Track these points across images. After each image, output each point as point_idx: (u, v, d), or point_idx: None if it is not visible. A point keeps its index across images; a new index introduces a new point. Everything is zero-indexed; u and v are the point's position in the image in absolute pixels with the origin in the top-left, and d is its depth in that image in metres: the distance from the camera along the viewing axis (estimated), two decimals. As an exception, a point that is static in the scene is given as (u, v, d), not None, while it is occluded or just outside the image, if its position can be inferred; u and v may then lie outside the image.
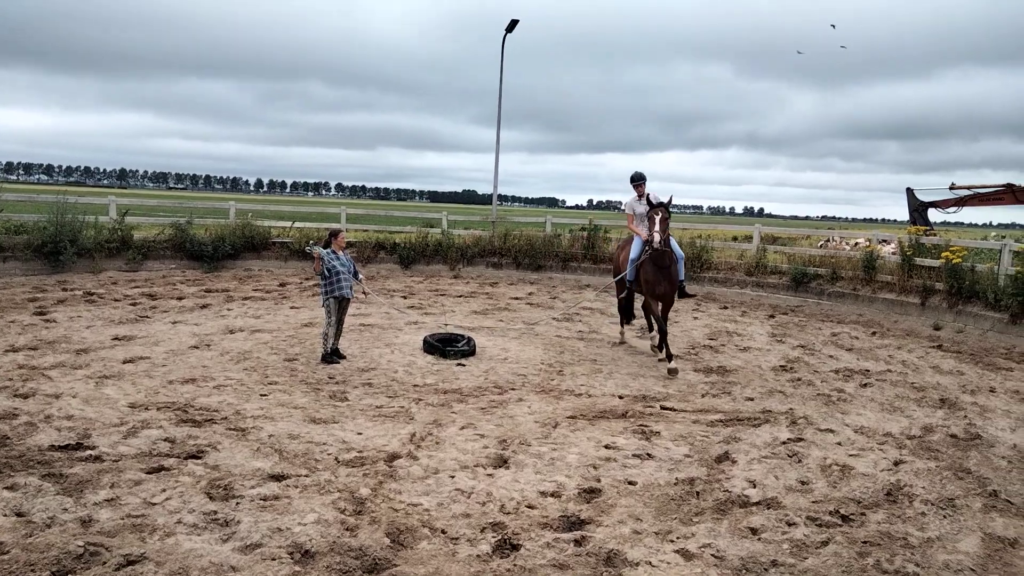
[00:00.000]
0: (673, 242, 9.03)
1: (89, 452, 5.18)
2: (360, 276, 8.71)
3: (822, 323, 12.80)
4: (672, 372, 8.41)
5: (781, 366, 9.21)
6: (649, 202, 8.87)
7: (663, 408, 7.09)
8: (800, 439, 6.29)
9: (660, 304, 9.15)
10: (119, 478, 4.75)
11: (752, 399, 7.59)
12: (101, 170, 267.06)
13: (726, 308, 14.21)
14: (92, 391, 6.66)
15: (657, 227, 8.54)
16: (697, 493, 5.05)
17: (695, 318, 12.83)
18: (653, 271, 8.89)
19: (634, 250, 9.39)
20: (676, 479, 5.28)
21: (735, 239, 23.81)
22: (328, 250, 8.34)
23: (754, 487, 5.19)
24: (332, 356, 8.29)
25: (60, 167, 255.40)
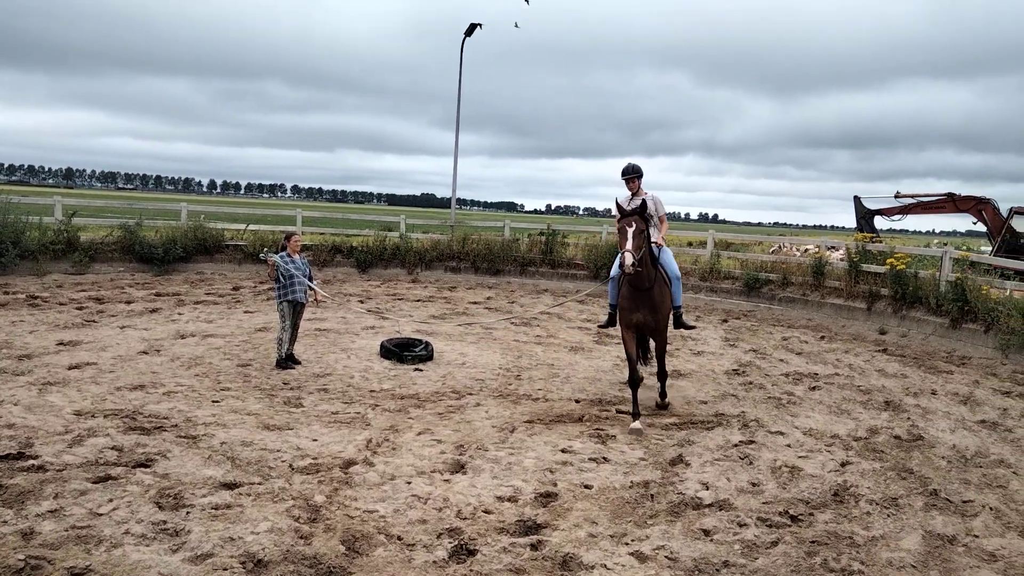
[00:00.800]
0: (667, 257, 7.31)
1: (31, 462, 5.01)
2: (314, 280, 8.59)
3: (773, 327, 13.09)
4: (635, 431, 6.46)
5: (734, 370, 9.39)
6: (621, 209, 6.77)
7: (619, 412, 7.17)
8: (751, 441, 6.43)
9: (637, 339, 7.09)
10: (63, 488, 4.61)
11: (706, 402, 7.73)
12: (46, 169, 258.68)
13: (681, 313, 14.41)
14: (35, 398, 6.45)
15: (629, 243, 6.31)
16: (651, 496, 5.12)
17: (651, 323, 12.98)
18: (629, 294, 6.82)
19: (615, 266, 7.30)
20: (631, 482, 5.35)
21: (690, 244, 24.21)
22: (283, 254, 8.24)
23: (707, 489, 5.29)
24: (287, 361, 8.18)
25: (2, 165, 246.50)
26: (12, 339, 8.66)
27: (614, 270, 7.41)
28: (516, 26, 21.02)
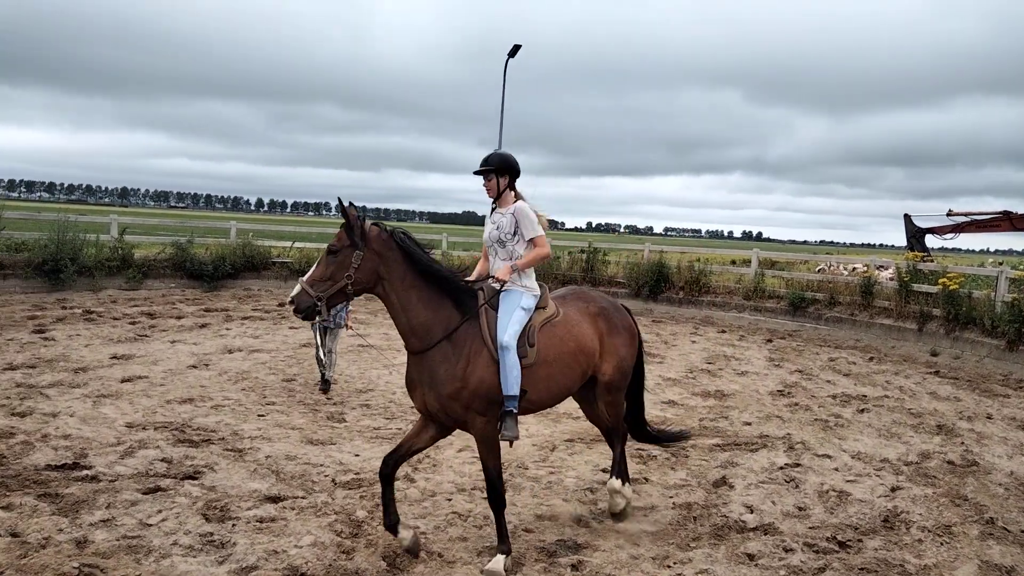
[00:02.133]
0: (508, 305, 4.30)
1: (86, 472, 5.17)
2: (349, 308, 7.89)
3: (820, 348, 12.82)
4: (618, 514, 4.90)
5: (779, 391, 9.22)
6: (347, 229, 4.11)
7: (661, 432, 7.08)
8: (797, 464, 6.29)
9: (437, 426, 4.46)
10: (115, 499, 4.74)
11: (750, 424, 7.59)
12: (103, 188, 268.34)
13: (724, 332, 14.23)
14: (90, 410, 6.66)
15: (312, 272, 4.08)
16: (694, 518, 5.05)
17: (693, 342, 12.84)
18: (408, 357, 4.34)
19: (501, 311, 4.29)
20: (673, 504, 5.28)
21: (733, 263, 23.89)
22: None
23: (751, 512, 5.19)
24: (322, 383, 7.99)
25: (62, 185, 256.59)
26: (69, 352, 8.97)
27: (502, 314, 4.29)
28: (511, 54, 21.26)
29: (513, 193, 4.53)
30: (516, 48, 21.33)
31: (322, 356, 7.92)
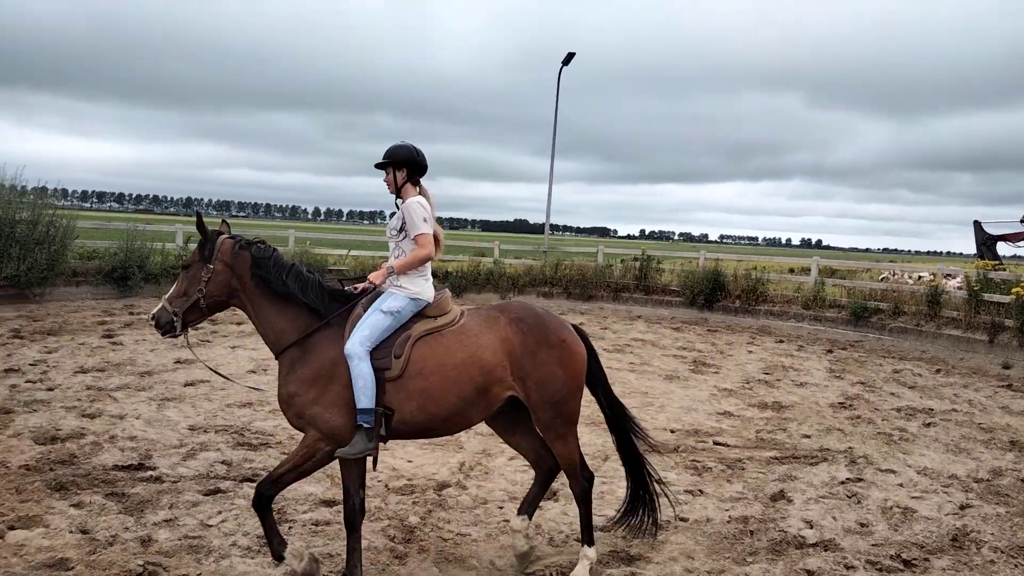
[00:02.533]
0: (378, 304, 3.95)
1: (150, 473, 5.35)
2: None
3: (883, 359, 12.39)
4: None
5: (840, 403, 8.94)
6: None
7: (716, 443, 6.95)
8: (859, 479, 6.08)
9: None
10: (178, 499, 4.89)
11: (809, 436, 7.38)
12: (169, 198, 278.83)
13: (782, 342, 13.90)
14: (154, 413, 6.89)
15: (173, 288, 4.08)
16: (751, 532, 4.92)
17: (749, 351, 12.57)
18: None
19: (375, 315, 3.92)
20: (729, 517, 5.16)
21: (791, 271, 23.33)
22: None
23: (811, 527, 5.03)
24: None
25: (131, 195, 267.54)
26: (135, 357, 9.31)
27: (373, 315, 3.91)
28: (565, 62, 21.13)
29: (417, 188, 4.17)
30: (570, 56, 21.34)
31: None
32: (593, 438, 6.94)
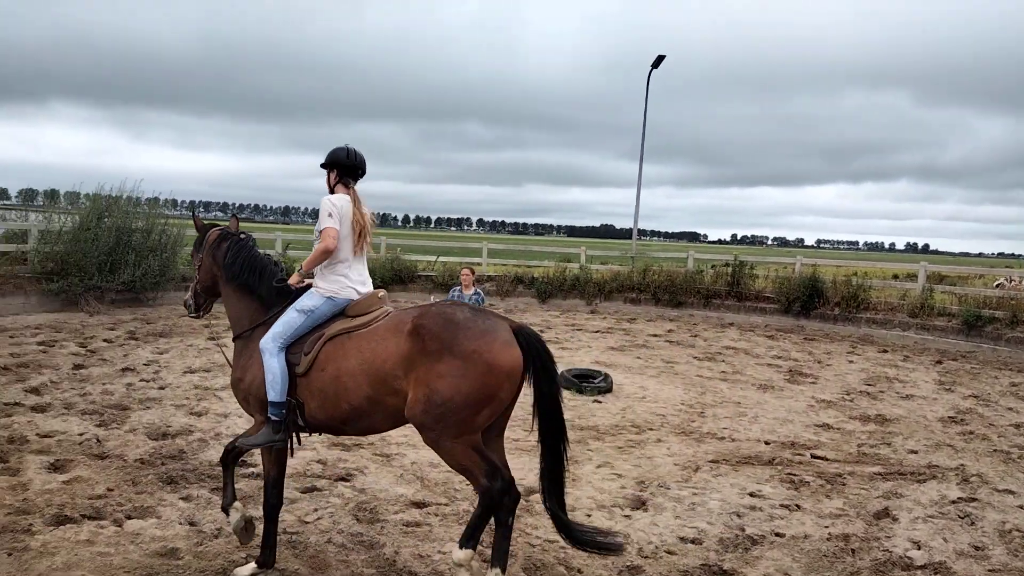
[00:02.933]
0: (296, 302, 4.12)
1: (251, 469, 5.60)
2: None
3: (999, 371, 11.57)
4: None
5: (950, 417, 8.40)
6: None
7: (814, 457, 6.66)
8: (973, 499, 5.69)
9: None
10: (277, 495, 5.09)
11: (916, 452, 6.97)
12: (268, 207, 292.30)
13: (885, 352, 13.20)
14: (256, 412, 7.21)
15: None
16: (853, 551, 4.68)
17: (850, 361, 12.00)
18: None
19: (290, 312, 4.06)
20: (829, 534, 4.93)
21: (895, 277, 22.16)
22: (455, 289, 8.51)
23: (919, 549, 4.74)
24: None
25: (234, 204, 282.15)
26: (239, 358, 9.78)
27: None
28: (655, 65, 20.69)
29: (348, 189, 4.18)
30: (660, 58, 21.05)
31: None
32: (683, 448, 6.78)
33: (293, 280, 4.21)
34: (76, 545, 4.18)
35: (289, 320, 3.95)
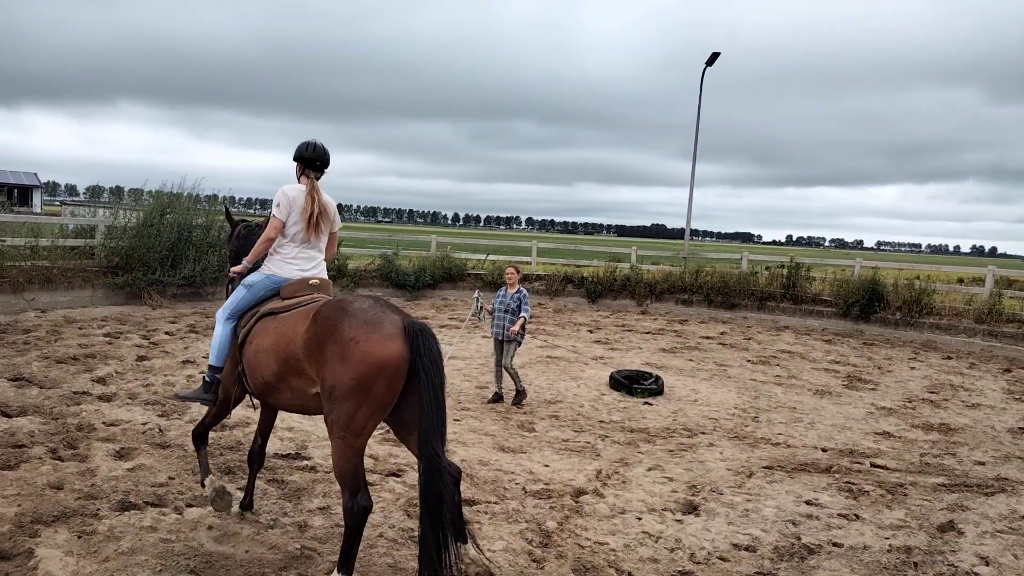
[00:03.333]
0: None
1: (306, 462, 5.70)
2: (523, 314, 8.08)
3: (1073, 381, 11.03)
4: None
5: (1020, 428, 8.05)
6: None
7: (874, 466, 6.46)
8: (1046, 515, 5.43)
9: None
10: (330, 488, 5.17)
11: (983, 463, 6.69)
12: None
13: (950, 359, 12.72)
14: (310, 406, 7.34)
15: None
16: (915, 564, 4.52)
17: (912, 368, 11.61)
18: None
19: (239, 287, 4.54)
20: (890, 546, 4.77)
21: (960, 281, 21.35)
22: (502, 290, 8.36)
23: (987, 564, 4.55)
24: (494, 398, 8.05)
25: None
26: (293, 353, 9.98)
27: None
28: (709, 62, 20.25)
29: (308, 179, 4.52)
30: (714, 56, 20.69)
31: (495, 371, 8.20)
32: (737, 452, 6.65)
33: (236, 269, 4.67)
34: (140, 531, 4.32)
35: (236, 294, 4.43)
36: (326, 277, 4.52)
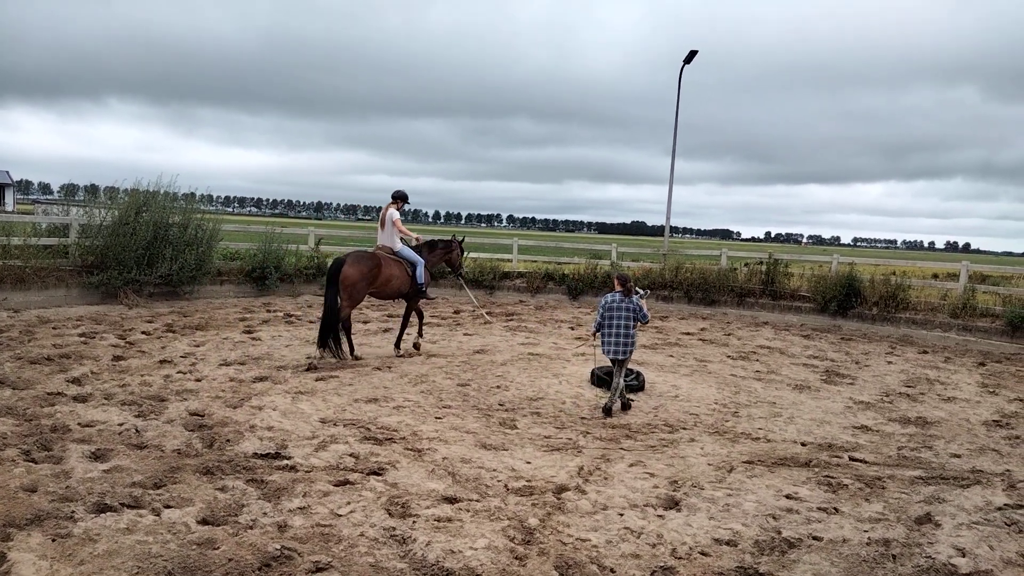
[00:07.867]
0: None
1: (285, 462, 5.64)
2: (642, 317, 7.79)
3: (1045, 374, 11.22)
4: None
5: (994, 421, 8.17)
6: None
7: (852, 459, 6.53)
8: (1020, 506, 5.52)
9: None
10: (310, 488, 5.12)
11: (959, 456, 6.79)
12: (300, 203, 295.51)
13: (925, 353, 12.90)
14: (289, 405, 7.28)
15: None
16: (893, 556, 4.57)
17: (888, 362, 11.75)
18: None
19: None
20: (868, 539, 4.81)
21: (935, 276, 21.64)
22: (616, 295, 7.85)
23: (963, 556, 4.61)
24: (605, 411, 7.62)
25: (267, 200, 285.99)
26: (272, 351, 9.88)
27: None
28: (687, 60, 20.32)
29: (394, 204, 10.50)
30: (692, 54, 20.78)
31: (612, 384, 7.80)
32: (718, 448, 6.69)
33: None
34: (117, 533, 4.25)
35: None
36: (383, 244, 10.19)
